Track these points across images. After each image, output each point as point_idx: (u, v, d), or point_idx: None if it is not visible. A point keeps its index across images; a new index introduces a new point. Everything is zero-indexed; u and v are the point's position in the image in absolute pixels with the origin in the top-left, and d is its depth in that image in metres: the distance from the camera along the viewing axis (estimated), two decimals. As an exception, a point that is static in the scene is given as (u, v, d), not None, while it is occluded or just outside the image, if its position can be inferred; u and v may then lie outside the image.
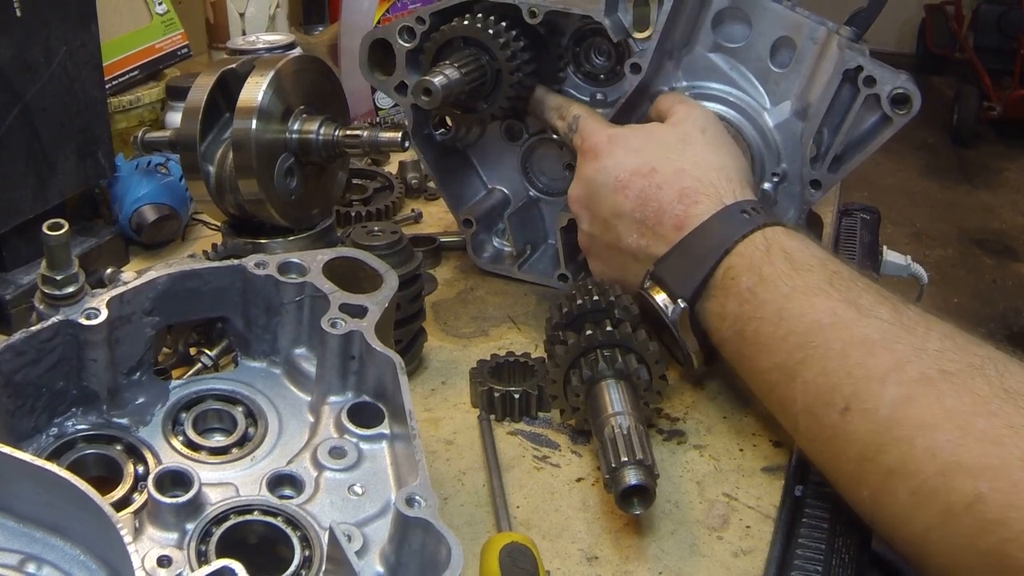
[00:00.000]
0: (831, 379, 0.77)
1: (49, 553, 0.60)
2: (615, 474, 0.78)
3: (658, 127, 1.00)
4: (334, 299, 0.77)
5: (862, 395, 0.74)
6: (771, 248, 0.86)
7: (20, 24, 1.02)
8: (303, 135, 1.00)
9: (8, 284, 1.08)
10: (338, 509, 0.69)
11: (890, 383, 0.73)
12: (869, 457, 0.73)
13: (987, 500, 0.65)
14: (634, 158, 0.96)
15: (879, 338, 0.76)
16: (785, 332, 0.81)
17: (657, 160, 0.95)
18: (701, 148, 0.97)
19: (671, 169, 0.94)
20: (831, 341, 0.78)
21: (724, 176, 0.94)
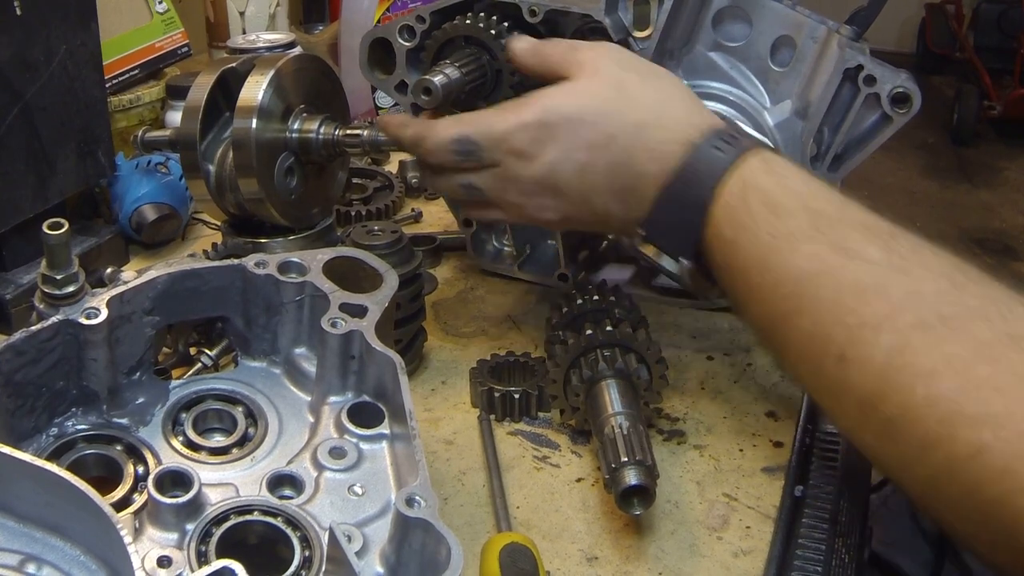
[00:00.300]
0: (824, 328, 0.73)
1: (49, 553, 0.60)
2: (615, 474, 0.78)
3: (579, 88, 0.86)
4: (334, 299, 0.77)
5: (857, 344, 0.71)
6: (747, 193, 0.79)
7: (20, 23, 1.02)
8: (303, 134, 1.00)
9: (8, 283, 1.08)
10: (338, 509, 0.69)
11: (885, 330, 0.70)
12: (869, 406, 0.70)
13: (991, 450, 0.63)
14: (583, 133, 0.84)
15: (871, 283, 0.72)
16: (772, 282, 0.77)
17: (609, 124, 0.85)
18: (639, 88, 0.87)
19: (630, 128, 0.84)
20: (820, 289, 0.74)
21: (680, 107, 0.86)
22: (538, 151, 0.85)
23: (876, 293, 0.72)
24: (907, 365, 0.68)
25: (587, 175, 0.85)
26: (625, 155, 0.84)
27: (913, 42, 6.05)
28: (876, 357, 0.69)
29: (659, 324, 1.08)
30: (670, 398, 0.97)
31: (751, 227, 0.78)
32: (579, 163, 0.85)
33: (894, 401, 0.68)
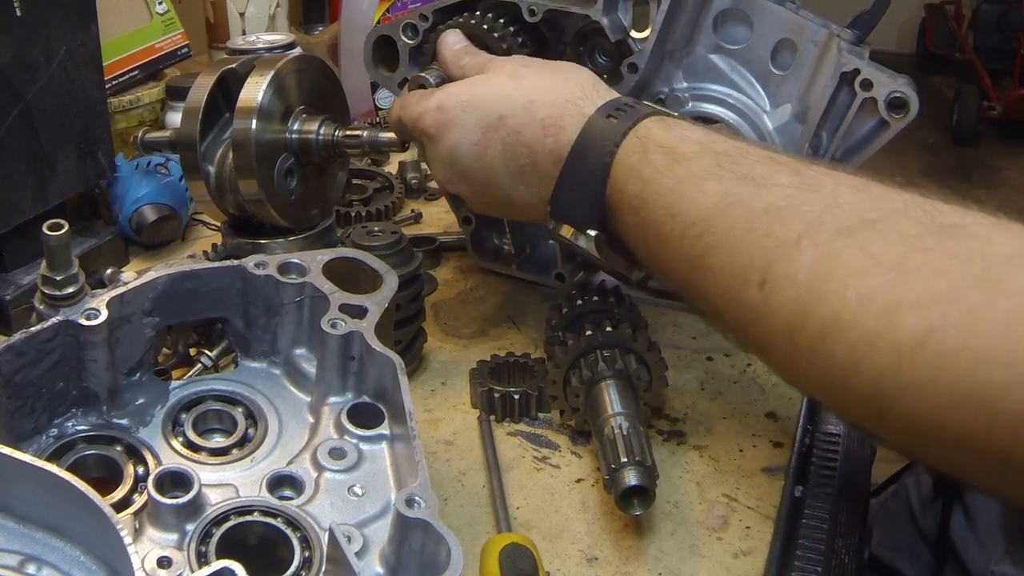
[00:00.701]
0: (741, 258, 0.71)
1: (49, 554, 0.60)
2: (615, 475, 0.78)
3: (477, 80, 0.93)
4: (334, 299, 0.77)
5: (777, 264, 0.68)
6: (647, 147, 0.80)
7: (20, 24, 1.02)
8: (303, 135, 1.00)
9: (8, 284, 1.08)
10: (338, 510, 0.69)
11: (805, 245, 0.67)
12: (798, 324, 0.67)
13: (942, 329, 0.60)
14: (475, 115, 0.90)
15: (784, 204, 0.70)
16: (682, 226, 0.76)
17: (500, 106, 0.89)
18: (536, 74, 0.91)
19: (519, 107, 0.88)
20: (732, 220, 0.72)
21: (575, 87, 0.88)
22: (441, 134, 0.91)
23: (791, 212, 0.70)
24: (833, 271, 0.66)
25: (484, 157, 0.90)
26: (517, 134, 0.88)
27: (913, 42, 6.05)
28: (799, 273, 0.67)
29: (659, 324, 1.08)
30: (670, 398, 0.97)
31: (654, 178, 0.78)
32: (474, 144, 0.90)
33: (824, 311, 0.65)
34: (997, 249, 0.62)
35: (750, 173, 0.74)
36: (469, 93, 0.91)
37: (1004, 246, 0.63)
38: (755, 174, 0.74)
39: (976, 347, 0.59)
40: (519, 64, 0.93)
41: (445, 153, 0.92)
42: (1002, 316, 0.59)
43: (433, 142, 0.92)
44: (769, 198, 0.71)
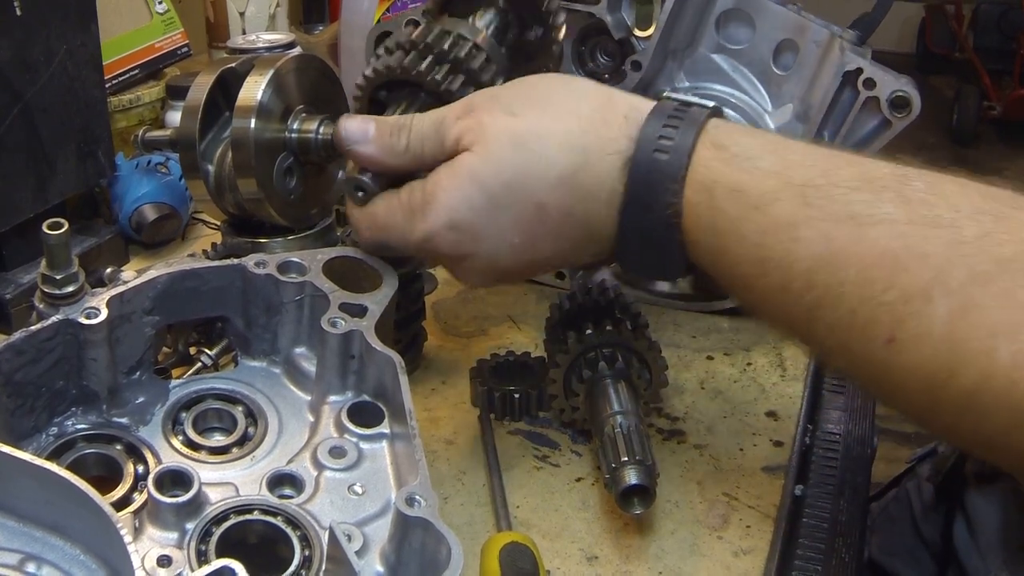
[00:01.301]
0: (860, 314, 0.62)
1: (49, 552, 0.60)
2: (615, 474, 0.78)
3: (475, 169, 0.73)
4: (334, 298, 0.77)
5: (906, 321, 0.60)
6: (712, 191, 0.68)
7: (20, 23, 1.02)
8: (302, 134, 1.00)
9: (8, 283, 1.08)
10: (338, 509, 0.69)
11: (936, 296, 0.59)
12: (940, 384, 0.60)
13: None
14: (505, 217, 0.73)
15: (899, 246, 0.61)
16: (779, 283, 0.66)
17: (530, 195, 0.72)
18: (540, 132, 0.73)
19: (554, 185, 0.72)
20: (842, 273, 0.63)
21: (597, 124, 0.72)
22: (465, 251, 0.75)
23: (911, 256, 0.61)
24: (976, 327, 0.58)
25: (531, 250, 0.75)
26: (564, 214, 0.73)
27: (913, 42, 6.05)
28: (934, 329, 0.60)
29: (659, 324, 1.08)
30: (670, 398, 0.97)
31: (731, 230, 0.68)
32: (520, 246, 0.75)
33: (972, 372, 0.58)
34: None
35: (847, 211, 0.64)
36: (479, 194, 0.72)
37: None
38: (854, 211, 0.64)
39: None
40: (504, 116, 0.73)
41: (479, 268, 0.77)
42: None
43: (459, 263, 0.77)
44: (880, 241, 0.62)
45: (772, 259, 0.66)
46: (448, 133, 0.74)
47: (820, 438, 0.95)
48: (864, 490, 0.91)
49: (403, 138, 0.77)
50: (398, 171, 0.78)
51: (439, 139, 0.75)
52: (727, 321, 1.11)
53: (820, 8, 1.08)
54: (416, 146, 0.76)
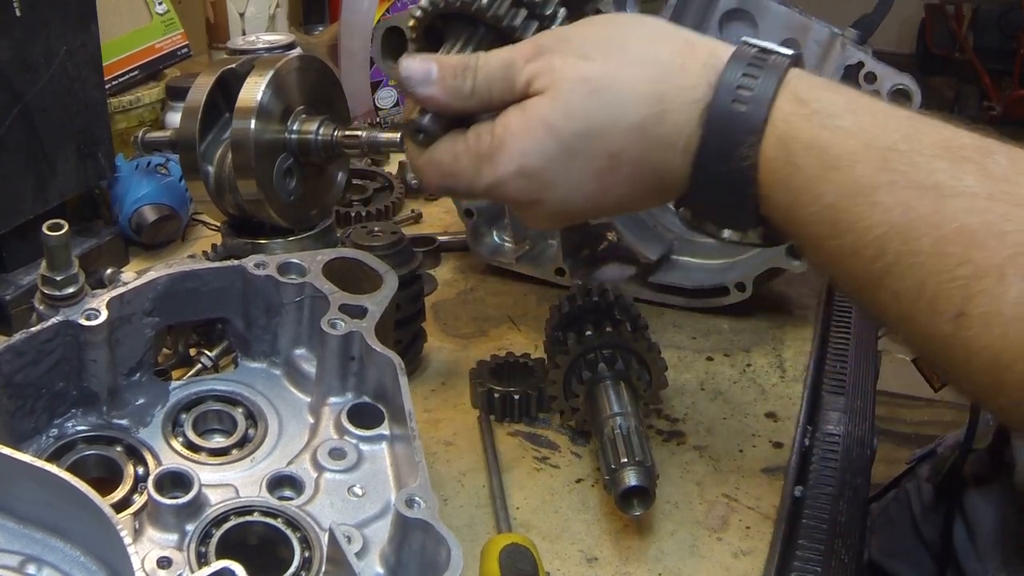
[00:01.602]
0: (931, 287, 0.61)
1: (49, 554, 0.60)
2: (615, 475, 0.78)
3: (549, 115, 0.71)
4: (334, 300, 0.77)
5: (977, 297, 0.59)
6: (790, 148, 0.66)
7: (20, 24, 1.02)
8: (302, 135, 1.00)
9: (8, 285, 1.08)
10: (338, 510, 0.69)
11: (1011, 275, 0.58)
12: (1005, 366, 0.59)
13: None
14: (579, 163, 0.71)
15: (979, 222, 0.60)
16: (852, 246, 0.64)
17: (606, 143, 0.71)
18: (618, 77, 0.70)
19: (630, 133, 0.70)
20: (916, 243, 0.62)
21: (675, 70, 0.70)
22: (536, 197, 0.73)
23: (989, 233, 0.60)
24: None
25: (602, 196, 0.73)
26: (639, 163, 0.71)
27: (913, 43, 6.05)
28: (1006, 309, 0.59)
29: (659, 325, 1.08)
30: (670, 399, 0.97)
31: (806, 188, 0.66)
32: (592, 193, 0.73)
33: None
34: None
35: (929, 179, 0.62)
36: (552, 142, 0.70)
37: None
38: (935, 177, 0.62)
39: None
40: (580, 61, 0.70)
41: (550, 212, 0.75)
42: None
43: (528, 208, 0.75)
44: (959, 214, 0.61)
45: (845, 221, 0.65)
46: (518, 76, 0.72)
47: (820, 439, 0.95)
48: (864, 491, 0.91)
49: (468, 80, 0.73)
50: (462, 113, 0.75)
51: (508, 82, 0.72)
52: (727, 322, 1.11)
53: (820, 9, 1.09)
54: (483, 89, 0.73)
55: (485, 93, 0.73)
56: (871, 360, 1.12)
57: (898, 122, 0.65)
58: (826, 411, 0.99)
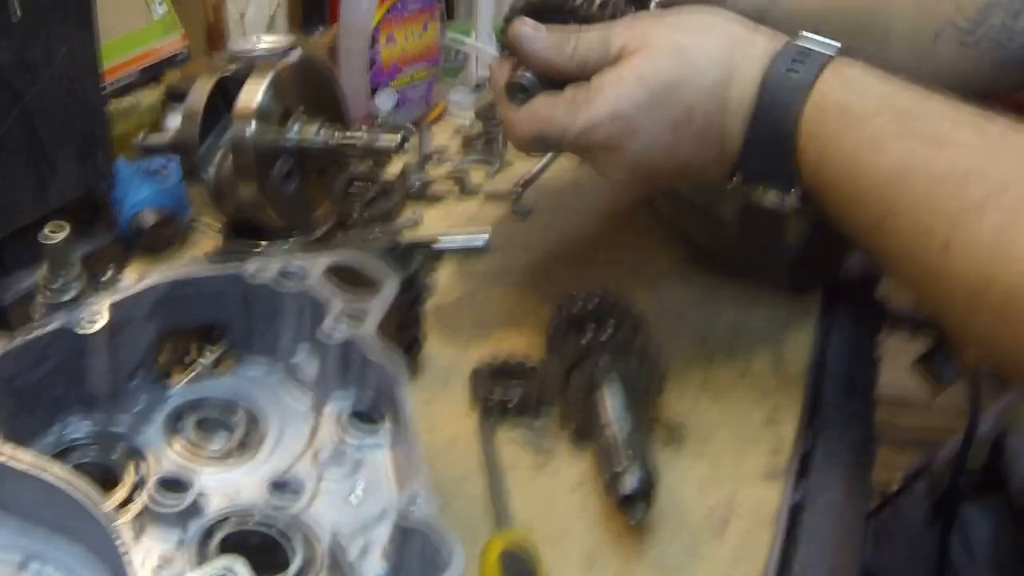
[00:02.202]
0: (923, 221, 0.72)
1: (51, 552, 0.60)
2: (615, 478, 0.78)
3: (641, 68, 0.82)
4: (334, 303, 0.77)
5: (960, 229, 0.69)
6: (825, 111, 0.78)
7: (19, 25, 1.02)
8: (302, 138, 1.01)
9: (7, 288, 1.08)
10: (339, 512, 0.69)
11: (989, 210, 0.68)
12: (980, 289, 0.68)
13: None
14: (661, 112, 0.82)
15: (968, 166, 0.70)
16: (863, 189, 0.76)
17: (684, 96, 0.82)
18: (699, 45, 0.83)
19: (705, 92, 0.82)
20: (914, 182, 0.72)
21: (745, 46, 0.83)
22: (621, 143, 0.84)
23: (975, 175, 0.70)
24: (1019, 237, 0.67)
25: (677, 151, 0.84)
26: (708, 121, 0.83)
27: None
28: (983, 239, 0.68)
29: (659, 327, 1.08)
30: (670, 401, 0.97)
31: (832, 141, 0.77)
32: (666, 145, 0.84)
33: (1008, 278, 0.67)
34: None
35: (933, 132, 0.73)
36: (642, 90, 0.82)
37: None
38: (938, 133, 0.73)
39: None
40: (668, 29, 0.84)
41: (629, 161, 0.85)
42: None
43: (610, 153, 0.85)
44: (952, 160, 0.71)
45: (859, 167, 0.76)
46: (613, 43, 0.83)
47: (819, 442, 0.95)
48: (864, 495, 0.91)
49: (571, 42, 0.85)
50: (561, 74, 0.86)
51: (604, 48, 0.84)
52: (728, 325, 1.11)
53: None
54: (583, 52, 0.85)
55: (584, 56, 0.85)
56: (871, 364, 1.12)
57: (916, 92, 0.77)
58: (826, 414, 0.99)
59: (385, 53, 1.61)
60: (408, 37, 1.63)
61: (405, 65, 1.65)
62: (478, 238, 1.29)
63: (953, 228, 0.70)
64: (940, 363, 1.22)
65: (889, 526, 1.31)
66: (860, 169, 0.76)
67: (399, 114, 1.66)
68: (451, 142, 1.64)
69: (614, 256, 1.26)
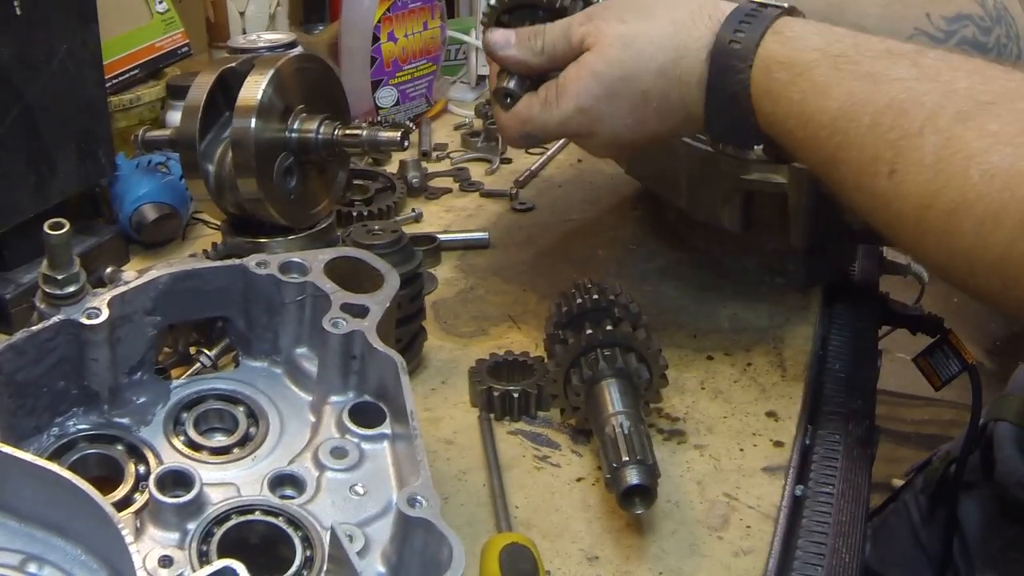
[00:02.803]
0: (869, 152, 0.77)
1: (50, 553, 0.60)
2: (616, 474, 0.78)
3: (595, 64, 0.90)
4: (335, 299, 0.78)
5: (903, 154, 0.74)
6: (769, 67, 0.84)
7: (20, 22, 1.02)
8: (303, 134, 1.00)
9: (9, 283, 1.08)
10: (339, 509, 0.69)
11: (928, 132, 0.73)
12: (926, 205, 0.72)
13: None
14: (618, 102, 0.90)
15: (905, 97, 0.75)
16: (814, 132, 0.81)
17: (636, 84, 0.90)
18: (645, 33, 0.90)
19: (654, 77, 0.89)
20: (858, 119, 0.77)
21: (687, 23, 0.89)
22: (591, 130, 0.93)
23: (912, 103, 0.75)
24: (955, 154, 0.71)
25: (643, 127, 0.92)
26: (664, 98, 0.90)
27: (912, 42, 6.05)
28: (925, 159, 0.72)
29: (659, 324, 1.08)
30: (670, 398, 0.97)
31: (782, 94, 0.83)
32: (631, 125, 0.92)
33: (951, 191, 0.71)
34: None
35: (869, 71, 0.79)
36: (598, 85, 0.90)
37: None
38: (874, 71, 0.78)
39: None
40: (616, 23, 0.91)
41: (603, 142, 0.96)
42: None
43: (587, 139, 0.96)
44: (890, 93, 0.76)
45: (807, 113, 0.81)
46: (574, 36, 0.92)
47: (820, 438, 0.95)
48: (865, 491, 0.91)
49: (539, 41, 0.94)
50: (536, 71, 0.95)
51: (567, 41, 0.92)
52: (728, 322, 1.11)
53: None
54: (550, 47, 0.93)
55: (551, 51, 0.93)
56: (871, 360, 1.12)
57: (854, 37, 0.82)
58: (827, 410, 0.99)
59: (386, 50, 1.61)
60: (409, 34, 1.64)
61: (406, 62, 1.65)
62: (478, 234, 1.29)
63: (897, 154, 0.74)
64: (941, 359, 1.22)
65: (891, 522, 1.31)
66: (809, 115, 0.81)
67: (399, 111, 1.66)
68: (451, 139, 1.64)
69: (614, 252, 1.26)
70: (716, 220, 1.12)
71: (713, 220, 1.12)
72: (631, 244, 1.27)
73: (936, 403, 2.88)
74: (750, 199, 1.08)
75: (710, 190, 1.10)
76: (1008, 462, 1.16)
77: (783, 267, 1.15)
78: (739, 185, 1.06)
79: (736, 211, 1.09)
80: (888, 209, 0.77)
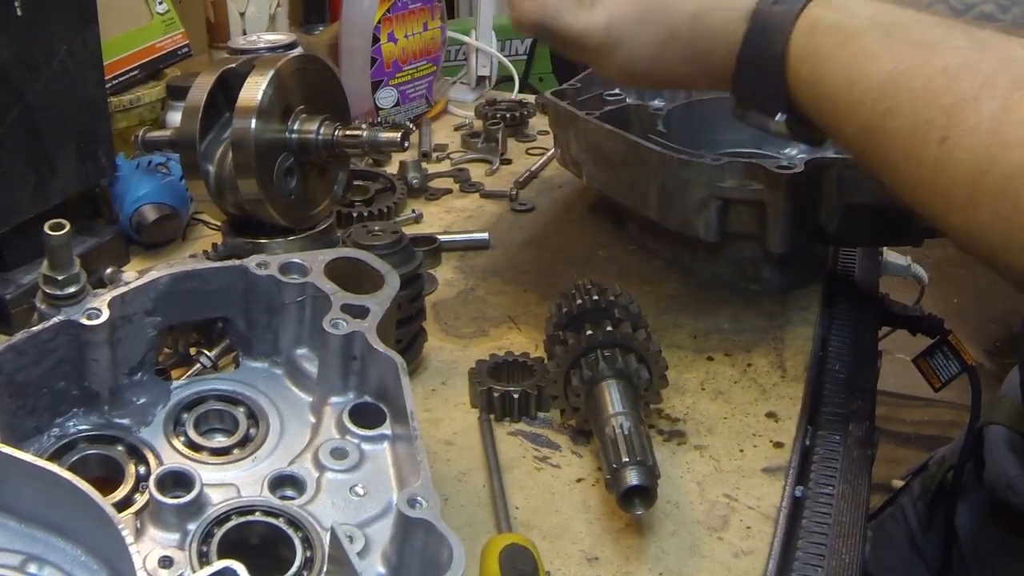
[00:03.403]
0: (921, 117, 0.74)
1: (51, 553, 0.60)
2: (616, 474, 0.78)
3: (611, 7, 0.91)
4: (336, 299, 0.78)
5: (958, 119, 0.72)
6: (816, 29, 0.83)
7: (21, 23, 1.02)
8: (303, 135, 1.00)
9: (9, 284, 1.08)
10: (340, 510, 0.69)
11: (984, 99, 0.71)
12: (983, 170, 0.70)
13: None
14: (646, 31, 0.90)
15: (960, 62, 0.73)
16: (860, 95, 0.79)
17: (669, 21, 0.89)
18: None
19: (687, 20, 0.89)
20: (910, 83, 0.75)
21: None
22: (611, 50, 0.91)
23: (968, 69, 0.73)
24: (1015, 122, 0.69)
25: (661, 64, 0.91)
26: (689, 45, 0.89)
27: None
28: (981, 125, 0.70)
29: (659, 324, 1.08)
30: (670, 398, 0.97)
31: (828, 57, 0.81)
32: (649, 58, 0.91)
33: (1012, 156, 0.69)
34: None
35: (922, 38, 0.77)
36: (635, 8, 0.90)
37: None
38: (928, 39, 0.77)
39: None
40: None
41: (616, 64, 0.93)
42: None
43: (600, 56, 0.93)
44: (945, 59, 0.74)
45: (855, 77, 0.79)
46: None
47: (820, 439, 0.95)
48: (864, 492, 0.91)
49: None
50: None
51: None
52: (728, 322, 1.11)
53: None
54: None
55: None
56: (871, 361, 1.12)
57: (905, 11, 0.81)
58: (827, 411, 0.99)
59: (386, 51, 1.61)
60: (409, 35, 1.64)
61: (406, 63, 1.65)
62: (478, 235, 1.29)
63: (950, 120, 0.72)
64: (940, 360, 1.22)
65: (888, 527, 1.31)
66: (856, 78, 0.79)
67: (399, 111, 1.66)
68: (451, 139, 1.64)
69: (613, 253, 1.26)
70: (690, 229, 1.11)
71: (686, 229, 1.11)
72: (631, 244, 1.27)
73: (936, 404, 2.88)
74: (726, 207, 1.08)
75: (683, 199, 1.09)
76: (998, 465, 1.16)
77: (757, 274, 1.15)
78: (715, 192, 1.06)
79: (712, 219, 1.08)
80: (936, 180, 0.74)
